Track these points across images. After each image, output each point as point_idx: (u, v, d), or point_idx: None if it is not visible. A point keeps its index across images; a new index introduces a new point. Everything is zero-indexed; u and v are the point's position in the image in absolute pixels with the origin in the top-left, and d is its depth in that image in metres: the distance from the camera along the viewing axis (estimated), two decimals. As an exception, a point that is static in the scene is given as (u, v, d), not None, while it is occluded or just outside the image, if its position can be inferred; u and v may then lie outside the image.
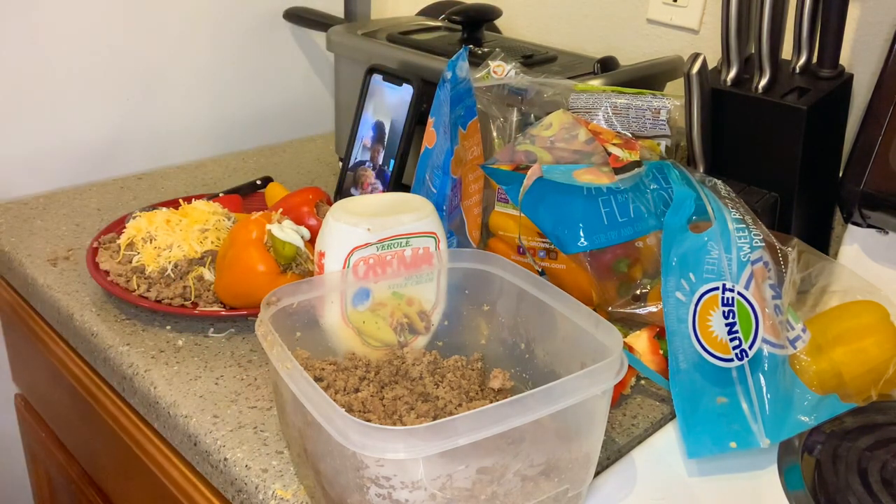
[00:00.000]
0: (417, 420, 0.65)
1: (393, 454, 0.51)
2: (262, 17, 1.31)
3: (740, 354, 0.70)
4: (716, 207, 0.75)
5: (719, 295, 0.71)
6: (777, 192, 0.88)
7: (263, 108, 1.37)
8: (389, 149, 0.98)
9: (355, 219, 0.71)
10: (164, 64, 1.22)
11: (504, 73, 0.94)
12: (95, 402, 0.93)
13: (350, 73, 1.12)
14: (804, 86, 0.89)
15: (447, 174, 0.83)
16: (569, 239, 0.79)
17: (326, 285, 0.70)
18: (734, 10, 0.87)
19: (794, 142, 0.86)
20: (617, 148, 0.79)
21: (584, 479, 0.62)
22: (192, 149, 1.29)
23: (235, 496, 0.68)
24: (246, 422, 0.72)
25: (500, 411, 0.53)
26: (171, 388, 0.76)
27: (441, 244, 0.74)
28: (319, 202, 0.93)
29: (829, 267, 0.82)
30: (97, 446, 0.99)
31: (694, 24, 1.11)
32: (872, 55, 0.95)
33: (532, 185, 0.77)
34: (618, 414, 0.75)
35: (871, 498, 0.65)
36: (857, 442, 0.71)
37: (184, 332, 0.84)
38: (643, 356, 0.76)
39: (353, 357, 0.71)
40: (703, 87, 0.86)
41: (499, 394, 0.70)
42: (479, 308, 0.75)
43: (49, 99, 1.12)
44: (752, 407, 0.69)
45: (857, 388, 0.74)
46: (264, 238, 0.82)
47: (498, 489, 0.57)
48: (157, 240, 0.88)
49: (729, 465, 0.69)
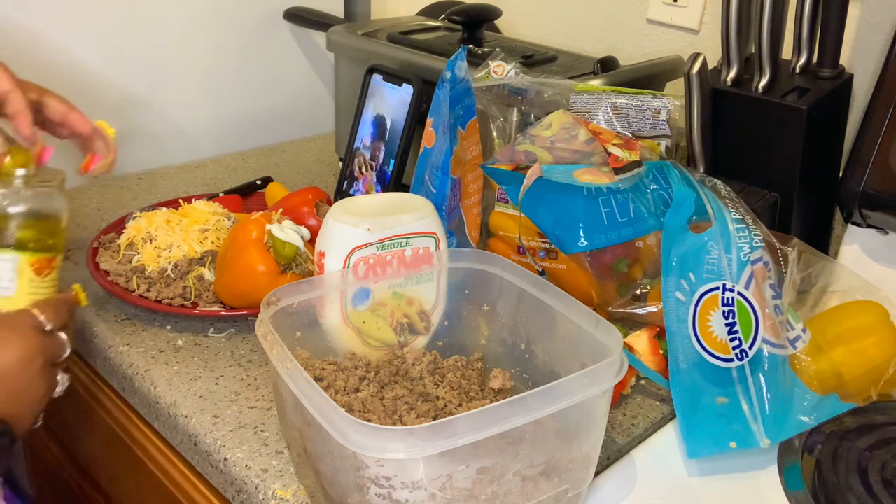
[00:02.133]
0: (417, 420, 0.65)
1: (393, 454, 0.51)
2: (262, 17, 1.31)
3: (740, 354, 0.70)
4: (716, 207, 0.75)
5: (719, 295, 0.71)
6: (777, 192, 0.88)
7: (263, 108, 1.37)
8: (389, 148, 0.98)
9: (355, 219, 0.71)
10: (164, 64, 1.22)
11: (504, 73, 0.94)
12: (95, 402, 0.93)
13: (350, 73, 1.12)
14: (804, 86, 0.89)
15: (447, 174, 0.83)
16: (569, 239, 0.79)
17: (326, 285, 0.70)
18: (734, 10, 0.87)
19: (794, 142, 0.86)
20: (617, 148, 0.79)
21: (584, 479, 0.62)
22: (192, 149, 1.29)
23: (235, 496, 0.68)
24: (246, 422, 0.72)
25: (500, 411, 0.53)
26: (171, 388, 0.76)
27: (441, 244, 0.74)
28: (319, 202, 0.94)
29: (829, 267, 0.82)
30: (97, 446, 0.99)
31: (694, 24, 1.11)
32: (872, 55, 0.95)
33: (532, 185, 0.77)
34: (618, 414, 0.75)
35: (871, 498, 0.65)
36: (857, 442, 0.71)
37: (184, 332, 0.84)
38: (643, 356, 0.76)
39: (353, 357, 0.71)
40: (703, 87, 0.86)
41: (499, 394, 0.70)
42: (479, 308, 0.75)
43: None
44: (752, 407, 0.69)
45: (857, 388, 0.74)
46: (264, 238, 0.82)
47: (498, 489, 0.57)
48: (157, 240, 0.88)
49: (729, 465, 0.69)
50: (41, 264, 0.73)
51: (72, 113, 0.83)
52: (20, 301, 0.72)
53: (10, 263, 0.72)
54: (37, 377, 0.68)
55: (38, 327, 0.70)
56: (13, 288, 0.72)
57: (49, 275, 0.74)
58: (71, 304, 0.75)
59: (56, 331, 0.71)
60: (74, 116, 0.83)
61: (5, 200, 0.72)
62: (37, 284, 0.73)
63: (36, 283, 0.73)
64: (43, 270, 0.73)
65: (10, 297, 0.72)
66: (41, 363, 0.68)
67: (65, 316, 0.73)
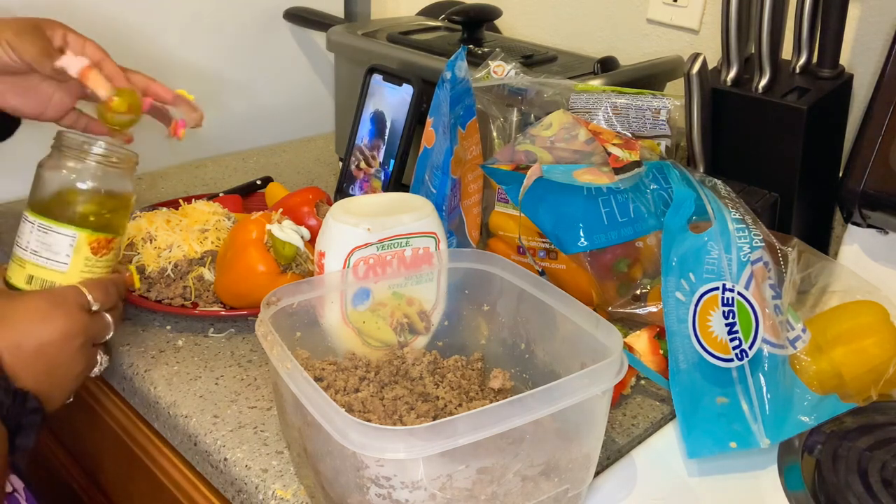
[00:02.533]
0: (417, 420, 0.65)
1: (393, 454, 0.51)
2: (262, 17, 1.31)
3: (740, 354, 0.70)
4: (716, 207, 0.75)
5: (719, 295, 0.71)
6: (777, 192, 0.88)
7: (263, 108, 1.37)
8: (389, 149, 0.98)
9: (355, 219, 0.71)
10: (164, 64, 1.22)
11: (504, 73, 0.94)
12: (95, 402, 0.93)
13: (350, 73, 1.12)
14: (804, 86, 0.89)
15: (447, 174, 0.83)
16: (569, 239, 0.79)
17: (326, 285, 0.70)
18: (734, 10, 0.87)
19: (794, 142, 0.86)
20: (617, 148, 0.79)
21: (584, 479, 0.62)
22: (192, 149, 1.29)
23: (235, 496, 0.68)
24: (246, 422, 0.72)
25: (500, 411, 0.53)
26: (171, 388, 0.76)
27: (441, 244, 0.74)
28: (319, 202, 0.94)
29: (829, 267, 0.82)
30: (97, 446, 0.99)
31: (694, 24, 1.11)
32: (872, 55, 0.95)
33: (532, 185, 0.77)
34: (618, 414, 0.75)
35: (871, 498, 0.65)
36: (857, 442, 0.71)
37: (184, 332, 0.84)
38: (643, 356, 0.76)
39: (353, 357, 0.71)
40: (703, 87, 0.86)
41: (499, 394, 0.70)
42: (479, 308, 0.75)
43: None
44: (752, 407, 0.69)
45: (857, 388, 0.74)
46: (264, 238, 0.82)
47: (498, 489, 0.57)
48: (157, 240, 0.88)
49: (729, 465, 0.69)
50: (99, 244, 0.72)
51: (154, 83, 0.83)
52: (72, 278, 0.72)
53: (70, 239, 0.71)
54: (76, 355, 0.68)
55: (85, 306, 0.69)
56: (67, 264, 0.72)
57: (105, 255, 0.74)
58: (121, 286, 0.75)
59: (102, 311, 0.71)
60: (157, 86, 0.83)
61: (73, 175, 0.72)
62: (92, 263, 0.73)
63: (91, 261, 0.73)
64: (100, 250, 0.73)
65: (64, 273, 0.72)
66: (81, 342, 0.68)
67: (113, 297, 0.72)
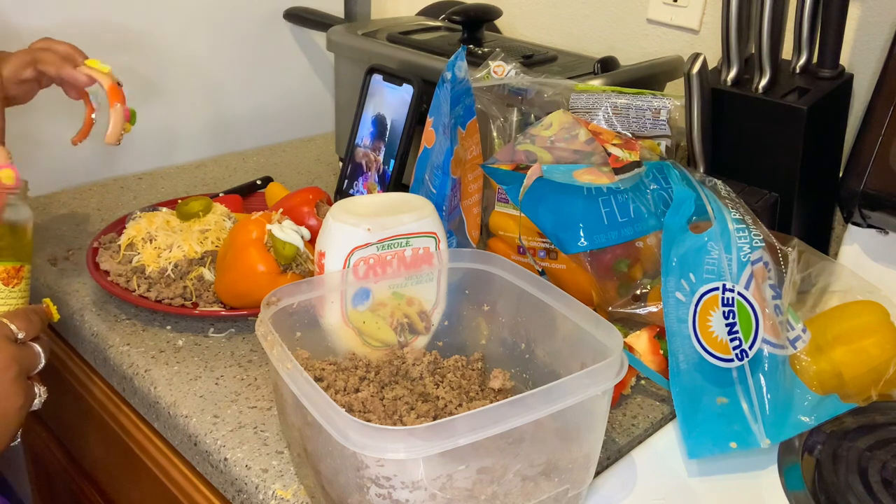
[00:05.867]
0: (417, 420, 0.65)
1: (393, 454, 0.51)
2: (262, 17, 1.32)
3: (740, 354, 0.70)
4: (716, 207, 0.75)
5: (719, 295, 0.71)
6: (777, 192, 0.88)
7: (263, 108, 1.37)
8: (389, 149, 0.98)
9: (355, 219, 0.71)
10: (164, 64, 1.22)
11: (504, 73, 0.94)
12: (95, 402, 0.93)
13: (350, 73, 1.12)
14: (804, 86, 0.89)
15: (447, 174, 0.83)
16: (569, 239, 0.79)
17: (326, 285, 0.70)
18: (734, 10, 0.87)
19: (794, 142, 0.86)
20: (617, 148, 0.79)
21: (584, 479, 0.62)
22: (192, 149, 1.29)
23: (235, 496, 0.68)
24: (246, 422, 0.72)
25: (500, 411, 0.53)
26: (171, 388, 0.76)
27: (441, 244, 0.74)
28: (319, 202, 0.94)
29: (829, 267, 0.82)
30: (97, 446, 0.99)
31: (694, 24, 1.11)
32: (872, 55, 0.95)
33: (532, 185, 0.77)
34: (618, 414, 0.75)
35: (871, 498, 0.65)
36: (857, 442, 0.71)
37: (184, 332, 0.84)
38: (643, 356, 0.76)
39: (354, 357, 0.71)
40: (703, 87, 0.86)
41: (499, 394, 0.70)
42: (479, 308, 0.75)
43: (48, 99, 1.12)
44: (752, 407, 0.69)
45: (858, 388, 0.74)
46: (264, 238, 0.82)
47: (498, 489, 0.57)
48: (157, 240, 0.88)
49: (729, 465, 0.69)
50: (9, 274, 0.72)
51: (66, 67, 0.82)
52: None
53: None
54: (12, 388, 0.67)
55: (10, 336, 0.68)
56: None
57: (18, 285, 0.73)
58: (42, 315, 0.74)
59: (28, 341, 0.70)
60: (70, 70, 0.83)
61: None
62: (5, 295, 0.72)
63: (4, 293, 0.72)
64: (10, 280, 0.72)
65: None
66: (15, 373, 0.67)
67: (37, 325, 0.71)
